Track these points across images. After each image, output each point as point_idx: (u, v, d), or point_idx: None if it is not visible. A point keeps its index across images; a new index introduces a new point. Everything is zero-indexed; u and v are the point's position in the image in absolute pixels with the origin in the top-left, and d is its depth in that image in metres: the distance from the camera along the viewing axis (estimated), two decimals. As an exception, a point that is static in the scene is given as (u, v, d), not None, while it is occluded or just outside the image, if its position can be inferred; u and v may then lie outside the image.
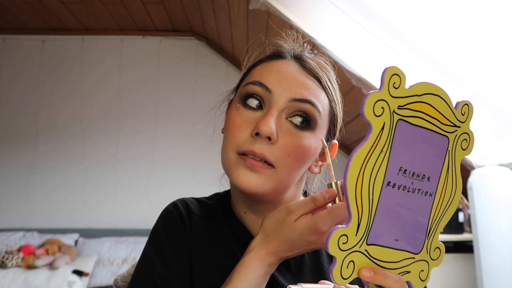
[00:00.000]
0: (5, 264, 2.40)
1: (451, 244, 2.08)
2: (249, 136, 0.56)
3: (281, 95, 0.57)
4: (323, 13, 1.83)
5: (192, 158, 3.13)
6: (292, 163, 0.57)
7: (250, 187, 0.56)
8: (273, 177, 0.56)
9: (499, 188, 1.70)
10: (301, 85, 0.58)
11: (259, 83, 0.58)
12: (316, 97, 0.58)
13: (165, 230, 0.65)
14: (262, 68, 0.61)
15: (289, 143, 0.56)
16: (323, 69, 0.62)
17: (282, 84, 0.57)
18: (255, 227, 0.64)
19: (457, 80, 1.85)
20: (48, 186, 3.09)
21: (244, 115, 0.58)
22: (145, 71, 3.24)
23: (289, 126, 0.57)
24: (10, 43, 3.22)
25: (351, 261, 0.41)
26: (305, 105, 0.57)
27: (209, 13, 2.71)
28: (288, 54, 0.63)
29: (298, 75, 0.59)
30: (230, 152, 0.58)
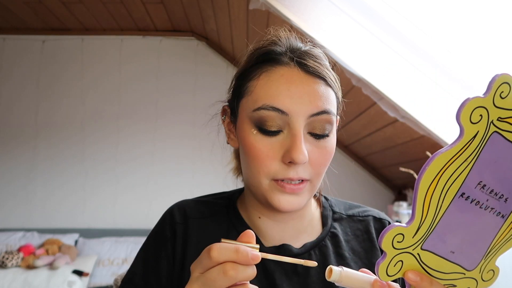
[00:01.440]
0: (5, 264, 2.40)
1: (451, 244, 2.08)
2: (280, 163, 0.56)
3: (299, 115, 0.55)
4: (323, 13, 1.83)
5: (192, 158, 3.13)
6: (323, 169, 0.59)
7: (292, 209, 0.57)
8: (309, 189, 0.59)
9: (499, 188, 1.70)
10: (314, 96, 0.56)
11: (272, 108, 0.55)
12: (328, 101, 0.57)
13: (154, 240, 0.67)
14: (264, 84, 0.57)
15: (319, 157, 0.57)
16: (322, 64, 0.59)
17: (296, 102, 0.55)
18: (270, 232, 0.64)
19: (457, 80, 1.85)
20: (48, 186, 3.09)
21: (266, 142, 0.56)
22: (145, 71, 3.24)
23: (312, 140, 0.57)
24: (10, 43, 3.22)
25: (400, 261, 0.41)
26: (323, 116, 0.56)
27: (209, 13, 2.71)
28: (286, 57, 0.58)
29: (307, 86, 0.56)
30: (264, 179, 0.57)
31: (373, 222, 0.69)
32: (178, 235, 0.64)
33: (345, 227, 0.67)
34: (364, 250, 0.65)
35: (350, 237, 0.66)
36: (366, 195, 3.12)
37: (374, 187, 3.18)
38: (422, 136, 1.96)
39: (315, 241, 0.64)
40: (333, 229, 0.66)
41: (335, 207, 0.70)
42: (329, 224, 0.66)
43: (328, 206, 0.70)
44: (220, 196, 0.72)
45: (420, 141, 2.06)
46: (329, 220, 0.67)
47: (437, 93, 1.86)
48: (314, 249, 0.63)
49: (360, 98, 1.98)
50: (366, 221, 0.68)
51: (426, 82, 1.86)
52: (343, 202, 0.73)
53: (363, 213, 0.70)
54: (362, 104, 2.11)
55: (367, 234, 0.67)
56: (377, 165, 3.06)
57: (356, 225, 0.68)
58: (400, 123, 1.97)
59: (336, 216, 0.68)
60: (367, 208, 0.72)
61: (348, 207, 0.71)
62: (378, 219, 0.69)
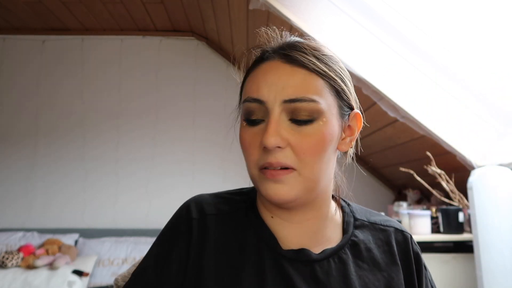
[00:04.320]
0: (5, 264, 2.40)
1: (451, 244, 2.08)
2: (261, 150, 0.57)
3: (273, 102, 0.56)
4: (323, 13, 1.83)
5: (192, 158, 3.13)
6: (310, 158, 0.57)
7: (280, 198, 0.57)
8: (297, 179, 0.57)
9: (499, 188, 1.70)
10: (287, 82, 0.57)
11: (252, 99, 0.58)
12: (307, 88, 0.57)
13: (167, 234, 0.65)
14: (251, 79, 0.61)
15: (299, 142, 0.56)
16: (308, 52, 0.60)
17: (271, 90, 0.57)
18: (282, 232, 0.62)
19: (457, 80, 1.85)
20: (48, 186, 3.09)
21: (251, 132, 0.59)
22: (145, 71, 3.24)
23: (293, 126, 0.57)
24: (10, 43, 3.22)
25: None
26: (298, 104, 0.56)
27: (209, 13, 2.71)
28: (271, 53, 0.61)
29: (283, 73, 0.58)
30: (253, 170, 0.59)
31: (394, 233, 0.67)
32: (194, 231, 0.62)
33: (367, 235, 0.66)
34: (384, 262, 0.64)
35: (372, 246, 0.65)
36: (366, 195, 3.12)
37: (374, 187, 3.18)
38: (422, 136, 1.96)
39: (335, 248, 0.62)
40: (354, 237, 0.64)
41: (357, 213, 0.69)
42: (350, 232, 0.65)
43: (349, 212, 0.68)
44: (239, 192, 0.70)
45: (420, 141, 2.06)
46: (351, 227, 0.66)
47: (437, 93, 1.86)
48: (333, 257, 0.61)
49: (360, 98, 1.97)
50: (387, 232, 0.67)
51: (426, 82, 1.86)
52: (363, 208, 0.72)
53: (385, 222, 0.69)
54: (362, 104, 2.09)
55: (388, 246, 0.65)
56: (377, 165, 3.06)
57: (377, 234, 0.66)
58: (400, 123, 1.97)
59: (357, 223, 0.67)
60: (388, 218, 0.70)
61: (370, 214, 0.70)
62: (400, 231, 0.68)
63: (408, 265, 0.65)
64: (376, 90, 1.82)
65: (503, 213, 1.67)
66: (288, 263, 0.59)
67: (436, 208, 2.10)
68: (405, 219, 2.14)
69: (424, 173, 2.11)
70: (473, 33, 1.80)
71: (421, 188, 2.46)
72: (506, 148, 1.81)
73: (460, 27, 1.81)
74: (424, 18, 1.81)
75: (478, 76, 1.83)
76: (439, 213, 2.04)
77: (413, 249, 0.67)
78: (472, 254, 1.82)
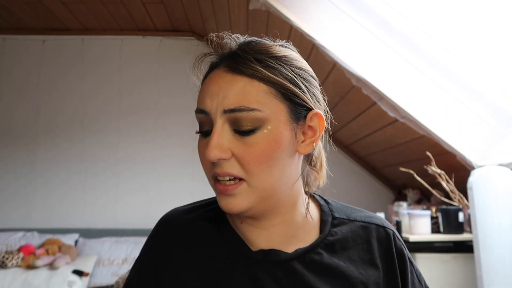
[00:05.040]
0: (5, 264, 2.40)
1: (451, 244, 2.08)
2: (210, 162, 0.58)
3: (215, 113, 0.56)
4: (323, 13, 1.83)
5: (192, 158, 3.13)
6: (256, 168, 0.55)
7: (232, 210, 0.57)
8: (248, 190, 0.56)
9: (499, 188, 1.70)
10: (227, 92, 0.55)
11: (199, 110, 0.60)
12: (245, 97, 0.55)
13: (142, 252, 0.68)
14: (201, 89, 0.62)
15: (243, 154, 0.55)
16: (250, 58, 0.57)
17: (212, 100, 0.57)
18: (252, 237, 0.62)
19: (457, 80, 1.85)
20: (48, 186, 3.09)
21: (203, 143, 0.59)
22: (145, 71, 3.24)
23: (237, 136, 0.56)
24: (10, 43, 3.23)
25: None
26: (237, 114, 0.55)
27: (209, 13, 2.71)
28: (218, 61, 0.61)
29: (224, 83, 0.57)
30: (210, 180, 0.60)
31: (376, 230, 0.66)
32: (162, 249, 0.64)
33: (345, 234, 0.64)
34: (362, 260, 0.63)
35: (349, 245, 0.63)
36: (366, 195, 3.12)
37: (374, 187, 3.18)
38: (422, 136, 1.96)
39: (308, 248, 0.61)
40: (330, 236, 0.63)
41: (336, 212, 0.67)
42: (326, 231, 0.64)
43: (328, 211, 0.67)
44: (209, 202, 0.71)
45: (420, 141, 2.06)
46: (328, 226, 0.64)
47: (437, 93, 1.86)
48: (305, 256, 0.61)
49: (360, 98, 1.98)
50: (368, 229, 0.66)
51: (426, 82, 1.86)
52: (345, 206, 0.70)
53: (366, 218, 0.67)
54: (362, 104, 2.11)
55: (367, 244, 0.64)
56: (377, 165, 3.06)
57: (357, 232, 0.65)
58: (400, 123, 1.97)
59: (336, 222, 0.65)
60: (371, 214, 0.69)
61: (350, 211, 0.68)
62: (382, 227, 0.67)
63: (390, 262, 0.64)
64: (376, 90, 1.82)
65: (503, 213, 1.67)
66: (257, 265, 0.59)
67: (436, 208, 2.10)
68: (405, 219, 2.14)
69: (424, 173, 2.11)
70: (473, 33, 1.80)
71: (421, 188, 2.46)
72: (506, 148, 1.82)
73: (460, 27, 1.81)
74: (424, 18, 1.81)
75: (478, 76, 1.83)
76: (439, 213, 2.04)
77: (395, 245, 0.65)
78: (472, 254, 1.82)
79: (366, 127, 2.42)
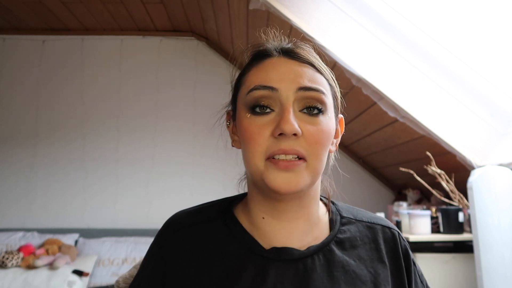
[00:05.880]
0: (5, 264, 2.40)
1: (451, 244, 2.08)
2: (271, 138, 0.56)
3: (287, 90, 0.57)
4: (323, 13, 1.83)
5: (192, 158, 3.13)
6: (320, 150, 0.58)
7: (291, 187, 0.56)
8: (308, 169, 0.57)
9: (499, 188, 1.70)
10: (300, 74, 0.59)
11: (262, 86, 0.58)
12: (317, 81, 0.59)
13: (145, 259, 0.67)
14: (255, 72, 0.61)
15: (313, 133, 0.57)
16: (311, 54, 0.63)
17: (284, 79, 0.58)
18: (274, 233, 0.62)
19: (457, 80, 1.85)
20: (48, 186, 3.09)
21: (258, 121, 0.58)
22: (145, 71, 3.24)
23: (305, 116, 0.58)
24: (10, 43, 3.23)
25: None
26: (311, 92, 0.58)
27: (209, 13, 2.71)
28: (274, 51, 0.63)
29: (293, 67, 0.60)
30: (258, 161, 0.57)
31: (381, 231, 0.67)
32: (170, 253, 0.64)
33: (354, 233, 0.66)
34: (370, 259, 0.63)
35: (358, 243, 0.64)
36: (366, 195, 3.12)
37: (374, 187, 3.18)
38: (422, 136, 1.96)
39: (320, 245, 0.62)
40: (340, 234, 0.65)
41: (343, 211, 0.69)
42: (336, 229, 0.65)
43: (335, 211, 0.68)
44: (218, 201, 0.70)
45: (420, 141, 2.06)
46: (337, 225, 0.66)
47: (437, 93, 1.86)
48: (318, 253, 0.61)
49: (360, 98, 1.98)
50: (374, 229, 0.67)
51: (426, 82, 1.86)
52: (350, 206, 0.71)
53: (372, 219, 0.69)
54: (362, 104, 2.11)
55: (374, 244, 0.65)
56: (377, 165, 3.06)
57: (364, 232, 0.66)
58: (400, 123, 1.97)
59: (344, 221, 0.67)
60: (375, 215, 0.70)
61: (356, 212, 0.70)
62: (387, 228, 0.68)
63: (397, 262, 0.65)
64: (376, 90, 1.82)
65: (503, 213, 1.67)
66: (270, 263, 0.59)
67: (436, 208, 2.10)
68: (405, 219, 2.14)
69: (424, 173, 2.11)
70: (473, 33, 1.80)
71: (421, 188, 2.46)
72: (506, 148, 1.82)
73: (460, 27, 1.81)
74: (424, 18, 1.81)
75: (478, 76, 1.83)
76: (439, 213, 2.04)
77: (401, 246, 0.67)
78: (472, 254, 1.82)
79: (366, 127, 2.42)
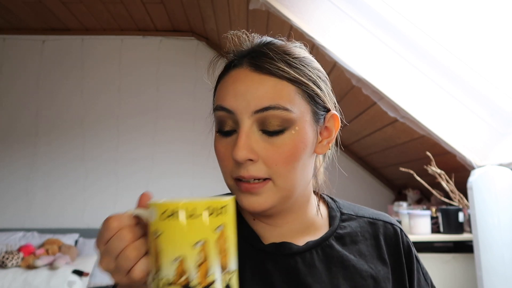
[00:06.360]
0: (5, 264, 2.40)
1: (451, 244, 2.08)
2: (233, 162, 0.56)
3: (242, 113, 0.55)
4: (323, 13, 1.83)
5: (192, 158, 3.13)
6: (283, 169, 0.56)
7: (254, 209, 0.56)
8: (272, 189, 0.56)
9: (499, 188, 1.70)
10: (257, 92, 0.55)
11: (221, 107, 0.57)
12: (277, 96, 0.55)
13: None
14: (220, 86, 0.60)
15: (271, 155, 0.55)
16: (277, 58, 0.57)
17: (240, 99, 0.55)
18: (264, 234, 0.63)
19: (457, 80, 1.85)
20: (48, 186, 3.09)
21: (223, 142, 0.58)
22: (145, 71, 3.24)
23: (264, 137, 0.55)
24: (10, 43, 3.23)
25: None
26: (268, 112, 0.54)
27: (209, 13, 2.71)
28: (239, 59, 0.59)
29: (251, 82, 0.56)
30: (228, 180, 0.59)
31: (383, 227, 0.67)
32: None
33: (354, 229, 0.65)
34: (371, 255, 0.63)
35: (359, 239, 0.64)
36: (366, 195, 3.12)
37: (374, 187, 3.18)
38: (422, 136, 1.96)
39: (319, 240, 0.62)
40: (340, 229, 0.64)
41: (344, 208, 0.68)
42: (335, 225, 0.65)
43: (335, 207, 0.68)
44: (221, 195, 0.71)
45: (420, 141, 2.06)
46: (337, 221, 0.65)
47: (437, 93, 1.86)
48: (316, 248, 0.61)
49: (360, 98, 1.98)
50: (376, 225, 0.67)
51: (426, 82, 1.86)
52: (351, 204, 0.71)
53: (374, 215, 0.68)
54: (362, 104, 2.11)
55: (375, 240, 0.65)
56: (377, 165, 3.06)
57: (365, 228, 0.66)
58: (400, 123, 1.97)
59: (344, 217, 0.67)
60: (377, 211, 0.70)
61: (358, 209, 0.70)
62: (389, 224, 0.68)
63: (398, 259, 0.65)
64: (376, 90, 1.82)
65: (503, 213, 1.67)
66: (268, 258, 0.60)
67: (436, 208, 2.10)
68: (405, 219, 2.14)
69: (424, 173, 2.11)
70: (473, 33, 1.80)
71: (421, 188, 2.46)
72: (506, 148, 1.82)
73: (460, 27, 1.81)
74: (424, 18, 1.81)
75: (478, 76, 1.83)
76: (439, 213, 2.04)
77: (403, 242, 0.66)
78: (472, 254, 1.82)
79: (366, 127, 2.42)
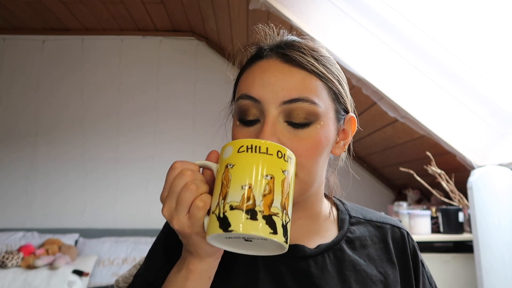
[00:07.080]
0: (5, 264, 2.40)
1: (451, 244, 2.08)
2: None
3: (270, 102, 0.55)
4: (323, 13, 1.83)
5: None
6: (306, 162, 0.55)
7: None
8: (297, 183, 0.55)
9: (499, 188, 1.70)
10: (286, 84, 0.55)
11: (246, 96, 0.56)
12: (306, 89, 0.55)
13: (165, 233, 0.66)
14: (246, 76, 0.59)
15: (295, 146, 0.54)
16: (306, 53, 0.58)
17: (267, 90, 0.55)
18: None
19: (457, 80, 1.85)
20: (48, 186, 3.09)
21: (244, 132, 0.57)
22: (145, 71, 3.24)
23: (289, 128, 0.55)
24: (10, 43, 3.22)
25: None
26: (296, 104, 0.54)
27: (209, 13, 2.71)
28: (268, 51, 0.59)
29: (281, 74, 0.56)
30: None
31: (390, 230, 0.67)
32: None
33: (363, 232, 0.66)
34: (380, 259, 0.64)
35: (368, 243, 0.65)
36: (366, 195, 3.12)
37: (374, 187, 3.18)
38: (422, 136, 1.96)
39: (330, 244, 0.62)
40: (349, 233, 0.65)
41: (352, 211, 0.69)
42: (345, 228, 0.65)
43: (344, 210, 0.68)
44: None
45: (420, 141, 2.06)
46: (346, 224, 0.66)
47: (437, 93, 1.86)
48: (328, 252, 0.61)
49: (360, 98, 1.98)
50: (384, 229, 0.67)
51: (426, 82, 1.86)
52: (359, 207, 0.72)
53: (381, 219, 0.69)
54: (362, 104, 2.11)
55: (384, 243, 0.65)
56: (377, 165, 3.06)
57: (373, 231, 0.66)
58: (400, 123, 1.97)
59: (353, 220, 0.67)
60: (384, 215, 0.70)
61: (365, 212, 0.70)
62: (397, 227, 0.68)
63: (406, 262, 0.65)
64: (376, 90, 1.82)
65: (503, 213, 1.67)
66: (281, 260, 0.59)
67: (436, 208, 2.10)
68: (405, 219, 2.14)
69: (424, 173, 2.11)
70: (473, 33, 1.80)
71: (421, 188, 2.46)
72: (506, 148, 1.82)
73: (460, 27, 1.81)
74: (424, 18, 1.81)
75: (478, 76, 1.83)
76: (439, 213, 2.04)
77: (410, 246, 0.67)
78: (472, 254, 1.82)
79: (366, 127, 2.42)
